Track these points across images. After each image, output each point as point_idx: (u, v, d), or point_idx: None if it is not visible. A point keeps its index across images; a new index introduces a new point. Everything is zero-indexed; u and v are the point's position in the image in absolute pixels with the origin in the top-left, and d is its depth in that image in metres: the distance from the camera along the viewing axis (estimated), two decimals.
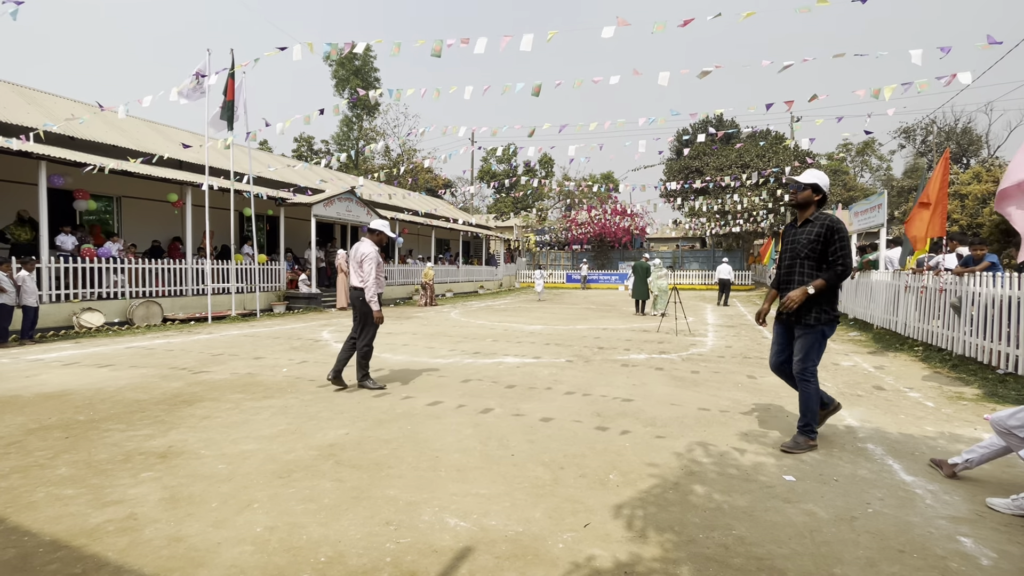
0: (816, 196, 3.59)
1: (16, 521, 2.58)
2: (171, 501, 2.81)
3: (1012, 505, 2.73)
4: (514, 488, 3.00)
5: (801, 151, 26.90)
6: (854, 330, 10.34)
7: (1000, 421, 2.89)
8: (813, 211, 3.61)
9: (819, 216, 3.56)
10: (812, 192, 3.58)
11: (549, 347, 8.30)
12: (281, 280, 14.95)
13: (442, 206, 33.46)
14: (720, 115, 34.71)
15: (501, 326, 11.38)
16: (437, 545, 2.38)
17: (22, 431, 3.94)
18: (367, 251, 5.34)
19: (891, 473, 3.26)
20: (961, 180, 24.31)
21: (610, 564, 2.24)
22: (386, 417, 4.39)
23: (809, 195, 3.59)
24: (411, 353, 7.68)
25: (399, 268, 20.18)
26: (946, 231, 7.20)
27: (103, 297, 10.63)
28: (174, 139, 16.88)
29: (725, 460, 3.46)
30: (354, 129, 44.78)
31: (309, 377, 5.94)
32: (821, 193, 3.59)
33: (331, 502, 2.80)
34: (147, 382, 5.65)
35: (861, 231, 14.23)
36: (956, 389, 5.52)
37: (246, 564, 2.22)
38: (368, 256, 5.33)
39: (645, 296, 14.25)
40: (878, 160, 46.41)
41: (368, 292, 5.29)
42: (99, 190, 12.23)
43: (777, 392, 5.35)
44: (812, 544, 2.41)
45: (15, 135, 10.28)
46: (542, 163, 48.23)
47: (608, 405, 4.81)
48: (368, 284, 5.29)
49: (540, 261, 35.62)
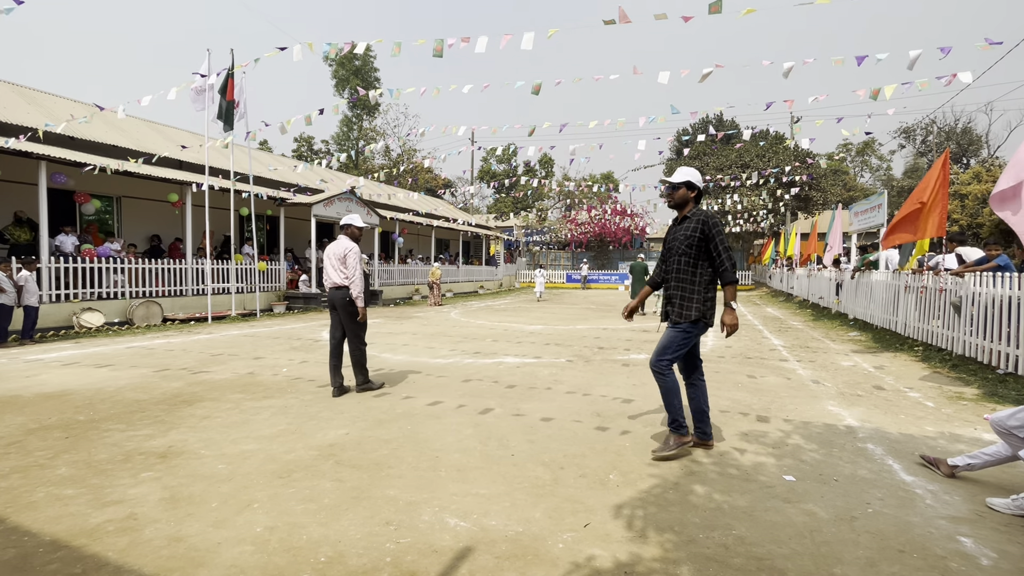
0: (691, 193, 3.62)
1: (16, 521, 2.58)
2: (171, 501, 2.81)
3: (1012, 505, 2.73)
4: (514, 488, 3.00)
5: (801, 151, 26.90)
6: (854, 330, 10.34)
7: (1000, 421, 2.89)
8: (691, 208, 3.64)
9: (696, 212, 3.58)
10: (687, 189, 3.62)
11: (549, 347, 8.30)
12: (281, 280, 14.95)
13: (442, 206, 33.46)
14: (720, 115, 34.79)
15: (501, 326, 11.38)
16: (437, 545, 2.38)
17: (22, 431, 3.94)
18: (348, 246, 5.11)
19: (891, 473, 3.26)
20: (961, 180, 24.33)
21: (610, 564, 2.24)
22: (386, 417, 4.39)
23: (684, 193, 3.62)
24: (411, 353, 7.68)
25: (399, 268, 20.19)
26: (946, 231, 7.19)
27: (103, 297, 10.64)
28: (174, 139, 16.89)
29: (725, 460, 3.46)
30: (354, 129, 44.80)
31: (309, 377, 5.94)
32: (696, 189, 3.63)
33: (331, 502, 2.80)
34: (147, 382, 5.65)
35: (861, 231, 14.23)
36: (956, 389, 5.52)
37: (246, 564, 2.22)
38: (351, 251, 5.12)
39: None
40: (878, 160, 46.46)
41: (354, 289, 5.08)
42: (99, 190, 12.23)
43: (777, 392, 5.35)
44: (812, 544, 2.41)
45: (15, 135, 10.29)
46: (542, 163, 48.24)
47: (608, 405, 4.81)
48: (354, 281, 5.09)
49: (540, 261, 35.63)
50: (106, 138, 14.10)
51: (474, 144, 38.26)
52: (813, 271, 16.41)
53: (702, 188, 3.67)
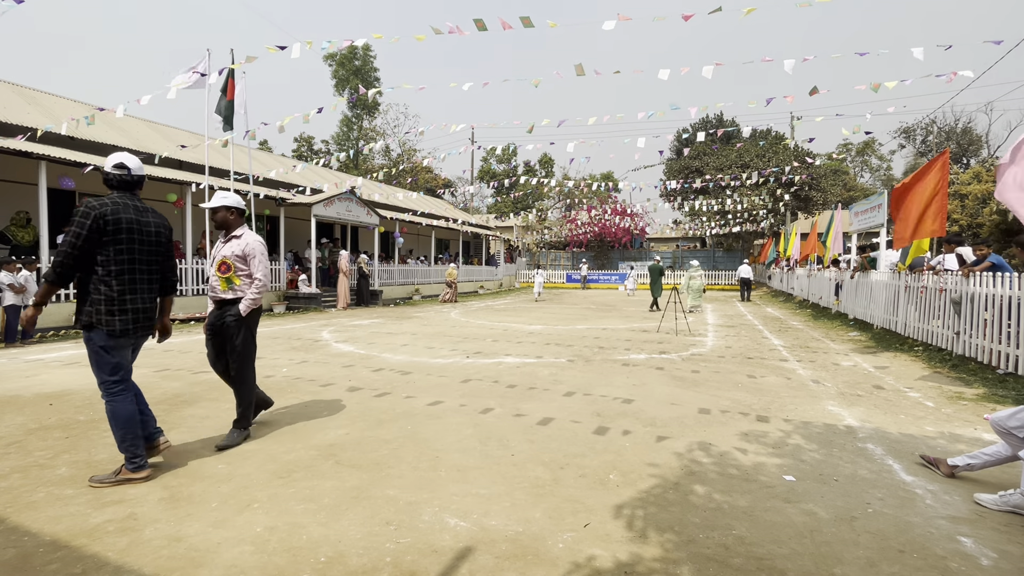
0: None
1: (16, 521, 2.58)
2: (171, 501, 2.81)
3: (1000, 501, 2.74)
4: (514, 488, 3.00)
5: (801, 151, 26.90)
6: (854, 330, 10.34)
7: (1000, 421, 2.89)
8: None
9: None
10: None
11: (549, 347, 8.30)
12: (281, 280, 14.94)
13: (442, 206, 33.46)
14: (720, 115, 34.76)
15: (501, 326, 11.38)
16: (437, 545, 2.38)
17: (22, 431, 3.93)
18: (252, 239, 3.81)
19: (891, 473, 3.26)
20: (961, 180, 24.32)
21: (610, 564, 2.24)
22: (386, 417, 4.39)
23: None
24: (411, 353, 7.68)
25: (399, 268, 20.19)
26: (945, 231, 7.19)
27: None
28: (174, 139, 16.88)
29: (725, 460, 3.46)
30: (354, 129, 44.79)
31: (309, 377, 5.94)
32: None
33: (331, 502, 2.80)
34: (147, 382, 5.65)
35: (861, 231, 14.23)
36: (956, 389, 5.52)
37: (246, 564, 2.22)
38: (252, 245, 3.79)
39: (659, 294, 15.64)
40: (878, 160, 46.46)
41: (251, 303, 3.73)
42: (99, 190, 12.22)
43: (777, 392, 5.35)
44: (812, 544, 2.41)
45: (15, 135, 10.29)
46: (542, 163, 48.22)
47: (608, 405, 4.81)
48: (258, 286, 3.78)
49: (540, 261, 35.61)
50: (106, 138, 14.10)
51: (474, 143, 38.25)
52: (813, 271, 16.41)
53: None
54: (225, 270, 3.76)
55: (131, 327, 3.05)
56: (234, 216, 3.85)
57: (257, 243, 3.82)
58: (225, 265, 3.76)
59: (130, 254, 3.04)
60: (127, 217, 3.02)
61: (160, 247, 3.25)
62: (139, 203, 3.16)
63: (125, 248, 3.01)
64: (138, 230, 3.07)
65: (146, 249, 3.14)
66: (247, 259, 3.78)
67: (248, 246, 3.78)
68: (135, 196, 3.17)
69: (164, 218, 3.33)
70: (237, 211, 3.87)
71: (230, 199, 3.84)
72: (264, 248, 3.90)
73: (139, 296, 3.10)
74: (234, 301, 3.78)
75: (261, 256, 3.82)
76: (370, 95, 10.48)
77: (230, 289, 3.77)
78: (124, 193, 3.12)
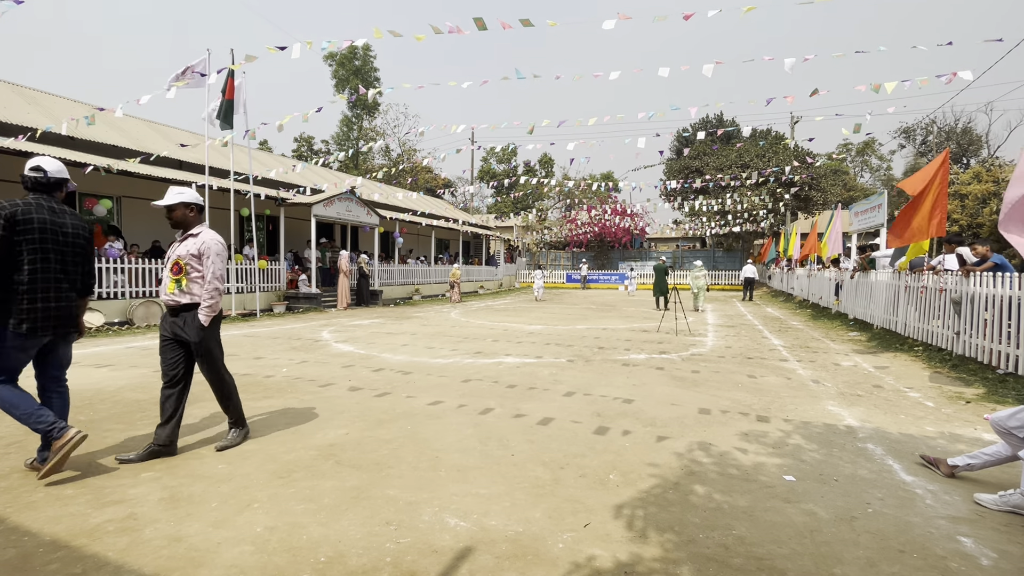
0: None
1: (16, 521, 2.58)
2: (171, 501, 2.81)
3: (999, 501, 2.74)
4: (514, 488, 3.00)
5: (801, 151, 26.89)
6: (854, 330, 10.34)
7: (1000, 422, 2.89)
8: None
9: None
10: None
11: (549, 347, 8.30)
12: (281, 280, 14.95)
13: (442, 206, 33.46)
14: (720, 115, 34.74)
15: (501, 326, 11.38)
16: (437, 545, 2.38)
17: (22, 431, 3.93)
18: (207, 239, 3.53)
19: (891, 473, 3.26)
20: (961, 180, 24.32)
21: (610, 564, 2.24)
22: (386, 417, 4.39)
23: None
24: (411, 353, 7.67)
25: (399, 268, 20.19)
26: (945, 231, 7.19)
27: (103, 297, 10.63)
28: (174, 139, 16.89)
29: (725, 460, 3.45)
30: (354, 129, 44.79)
31: (309, 377, 5.94)
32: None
33: (331, 502, 2.80)
34: (147, 382, 5.65)
35: (861, 231, 14.24)
36: (956, 389, 5.52)
37: (246, 564, 2.22)
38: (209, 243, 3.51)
39: (665, 293, 15.75)
40: (878, 160, 46.45)
41: (208, 311, 3.46)
42: (100, 190, 12.23)
43: (777, 392, 5.35)
44: (812, 544, 2.41)
45: (15, 135, 10.29)
46: (542, 163, 48.22)
47: (608, 405, 4.80)
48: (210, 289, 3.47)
49: (540, 261, 35.61)
50: (106, 138, 14.10)
51: (474, 143, 38.24)
52: (813, 271, 16.41)
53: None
54: (177, 271, 3.47)
55: (40, 327, 2.99)
56: (194, 213, 3.59)
57: (214, 241, 3.53)
58: (178, 266, 3.47)
59: (43, 254, 3.01)
60: (40, 217, 3.01)
61: (78, 248, 3.21)
62: (56, 204, 3.16)
63: (38, 248, 2.99)
64: (52, 231, 3.06)
65: (61, 250, 3.10)
66: (202, 258, 3.48)
67: (204, 244, 3.49)
68: (52, 198, 3.16)
69: (83, 220, 3.31)
70: (196, 207, 3.61)
71: (187, 195, 3.56)
72: (223, 248, 3.58)
73: (52, 296, 3.04)
74: (189, 306, 3.47)
75: (216, 256, 3.50)
76: (370, 95, 10.49)
77: (180, 291, 3.46)
78: (40, 195, 3.12)
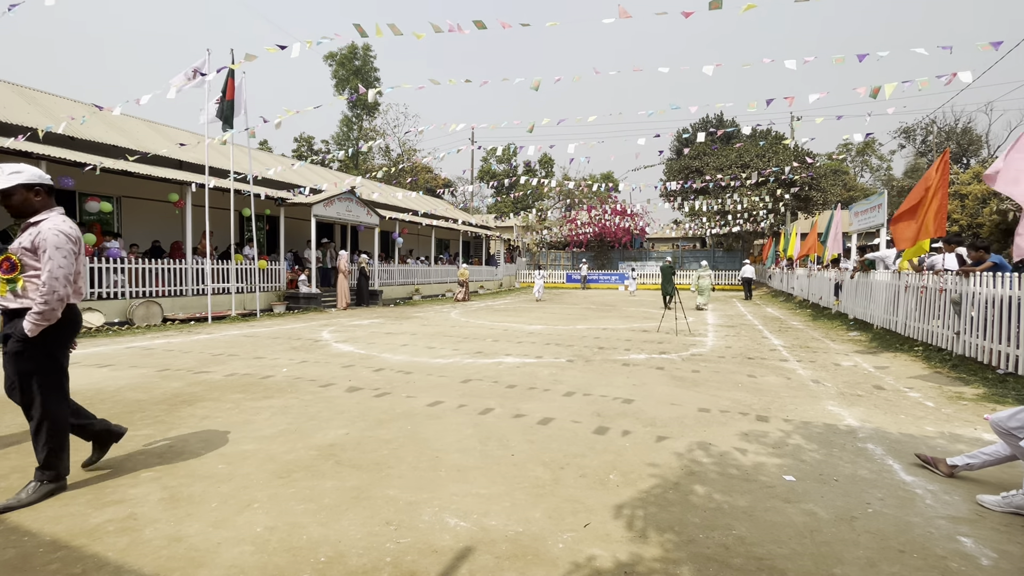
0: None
1: (16, 521, 2.58)
2: (171, 501, 2.81)
3: (1003, 502, 2.74)
4: (514, 488, 3.00)
5: (801, 151, 26.89)
6: (854, 330, 10.34)
7: (1000, 422, 2.89)
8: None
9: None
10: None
11: (549, 347, 8.30)
12: (281, 280, 14.95)
13: (442, 206, 33.45)
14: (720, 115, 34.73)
15: (501, 326, 11.38)
16: (437, 545, 2.38)
17: (22, 431, 3.93)
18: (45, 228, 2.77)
19: (891, 473, 3.26)
20: (961, 180, 24.31)
21: (610, 564, 2.24)
22: (386, 417, 4.39)
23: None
24: (411, 353, 7.67)
25: (399, 268, 20.18)
26: (946, 231, 7.19)
27: (103, 297, 10.63)
28: (174, 139, 16.88)
29: (725, 460, 3.45)
30: (354, 129, 44.79)
31: (309, 377, 5.94)
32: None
33: (331, 502, 2.80)
34: (147, 382, 5.65)
35: (861, 231, 14.23)
36: (956, 389, 5.52)
37: (246, 564, 2.22)
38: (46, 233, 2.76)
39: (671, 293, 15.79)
40: (878, 160, 46.45)
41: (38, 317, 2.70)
42: (100, 190, 12.23)
43: (777, 392, 5.35)
44: (812, 544, 2.41)
45: (15, 135, 10.28)
46: (542, 163, 48.21)
47: (608, 405, 4.80)
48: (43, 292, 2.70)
49: (540, 261, 35.61)
50: (106, 138, 14.10)
51: (474, 143, 38.24)
52: (813, 271, 16.41)
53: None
54: (8, 269, 2.74)
55: None
56: (40, 197, 2.83)
57: (53, 233, 2.73)
58: (9, 262, 2.74)
59: None
60: None
61: None
62: None
63: None
64: None
65: None
66: (37, 252, 2.73)
67: (40, 235, 2.73)
68: None
69: None
70: (42, 189, 2.84)
71: (25, 173, 2.80)
72: (66, 240, 2.77)
73: None
74: (22, 312, 2.76)
75: (55, 250, 2.71)
76: (370, 95, 10.47)
77: (15, 295, 2.76)
78: None
